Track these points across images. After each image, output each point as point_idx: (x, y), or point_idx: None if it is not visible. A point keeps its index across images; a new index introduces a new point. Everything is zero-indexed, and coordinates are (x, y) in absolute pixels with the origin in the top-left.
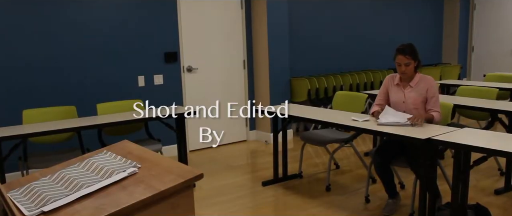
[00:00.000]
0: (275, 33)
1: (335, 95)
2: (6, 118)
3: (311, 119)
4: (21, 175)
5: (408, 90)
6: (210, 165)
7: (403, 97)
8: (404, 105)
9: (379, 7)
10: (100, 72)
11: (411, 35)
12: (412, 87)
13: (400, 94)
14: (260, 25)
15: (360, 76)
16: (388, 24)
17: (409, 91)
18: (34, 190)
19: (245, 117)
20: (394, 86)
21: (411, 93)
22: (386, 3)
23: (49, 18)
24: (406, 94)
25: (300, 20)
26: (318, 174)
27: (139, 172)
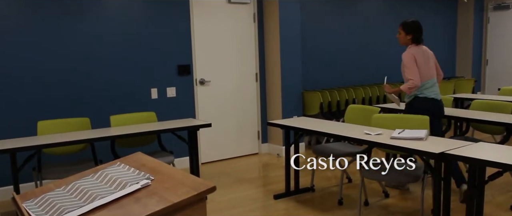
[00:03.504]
0: (288, 46)
1: (348, 108)
2: (21, 129)
3: (323, 133)
4: (35, 186)
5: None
6: (222, 178)
7: None
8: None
9: (392, 20)
10: (114, 85)
11: None
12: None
13: None
14: (272, 38)
15: (372, 90)
16: None
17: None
18: (49, 201)
19: (257, 130)
20: None
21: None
22: (399, 16)
23: (64, 32)
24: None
25: (312, 33)
26: (331, 188)
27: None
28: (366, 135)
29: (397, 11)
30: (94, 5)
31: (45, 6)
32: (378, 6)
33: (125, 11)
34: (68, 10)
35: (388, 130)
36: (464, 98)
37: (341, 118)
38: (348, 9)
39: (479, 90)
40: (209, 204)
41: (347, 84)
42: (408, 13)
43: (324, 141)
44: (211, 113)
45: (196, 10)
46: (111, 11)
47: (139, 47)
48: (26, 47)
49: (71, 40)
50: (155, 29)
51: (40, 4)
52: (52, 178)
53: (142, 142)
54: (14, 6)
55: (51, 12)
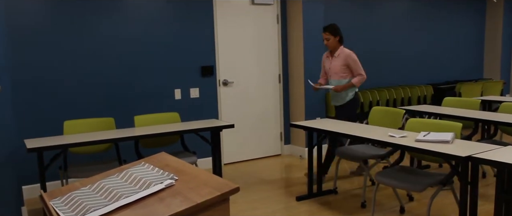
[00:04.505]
0: (311, 47)
1: (372, 110)
2: (48, 128)
3: (346, 134)
4: (61, 184)
5: (333, 59)
6: (244, 179)
7: (330, 64)
8: (330, 70)
9: (418, 21)
10: (138, 85)
11: (451, 50)
12: (335, 57)
13: (328, 63)
14: (296, 39)
15: (397, 92)
16: (427, 38)
17: (334, 60)
18: (75, 199)
19: (280, 131)
20: (326, 58)
21: (334, 61)
22: (425, 18)
23: (89, 34)
24: (332, 62)
25: None
26: (353, 191)
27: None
28: (390, 138)
29: (423, 13)
30: (119, 7)
31: (72, 8)
32: (405, 8)
33: (149, 13)
34: (94, 12)
35: (413, 133)
36: (492, 100)
37: (365, 120)
38: (374, 10)
39: (508, 92)
40: (231, 205)
41: (371, 86)
42: (434, 14)
43: (347, 143)
44: (233, 114)
45: (220, 11)
46: (136, 12)
47: (163, 48)
48: (53, 49)
49: (97, 42)
50: (179, 30)
51: (67, 5)
52: (77, 177)
53: (165, 143)
54: (41, 8)
55: (77, 14)
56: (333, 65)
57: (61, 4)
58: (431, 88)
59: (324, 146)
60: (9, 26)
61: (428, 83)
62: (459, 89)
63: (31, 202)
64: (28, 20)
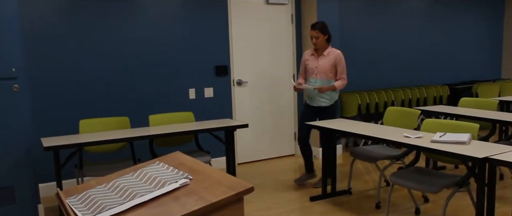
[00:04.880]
0: None
1: (387, 110)
2: (64, 127)
3: (361, 135)
4: (77, 183)
5: (321, 58)
6: (258, 179)
7: (317, 63)
8: (316, 69)
9: (435, 21)
10: (153, 85)
11: (468, 50)
12: (324, 56)
13: (314, 62)
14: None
15: (412, 92)
16: (443, 38)
17: (321, 59)
18: (91, 198)
19: (294, 131)
20: (310, 56)
21: (323, 60)
22: (442, 17)
23: (105, 34)
24: (319, 61)
25: (351, 34)
26: (368, 191)
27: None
28: (406, 138)
29: (440, 12)
30: (134, 8)
31: (88, 9)
32: (421, 7)
33: (164, 13)
34: (110, 13)
35: (429, 134)
36: (510, 101)
37: (380, 120)
38: (389, 9)
39: None
40: (245, 204)
41: (386, 85)
42: (451, 13)
43: (362, 143)
44: (248, 113)
45: (234, 11)
46: (151, 13)
47: (178, 48)
48: (69, 50)
49: (112, 42)
50: (194, 30)
51: (83, 7)
52: (93, 176)
53: (179, 142)
54: (57, 10)
55: (93, 15)
56: (321, 64)
57: (77, 6)
58: (447, 89)
59: (338, 146)
60: (26, 27)
61: (444, 84)
62: (476, 90)
63: (47, 200)
64: (45, 22)
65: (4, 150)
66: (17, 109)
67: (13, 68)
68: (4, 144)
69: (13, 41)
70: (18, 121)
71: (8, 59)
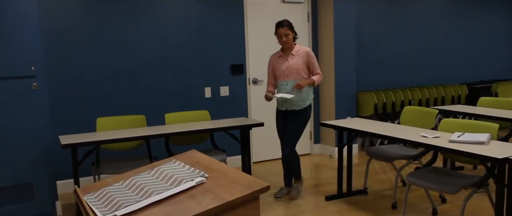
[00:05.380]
0: (342, 46)
1: (404, 110)
2: (82, 125)
3: (378, 134)
4: (94, 180)
5: (291, 58)
6: (274, 177)
7: (287, 64)
8: (287, 70)
9: (453, 20)
10: (169, 83)
11: (486, 49)
12: (294, 55)
13: (284, 63)
14: (326, 38)
15: (430, 91)
16: (462, 37)
17: (292, 59)
18: (108, 195)
19: (309, 131)
20: (278, 59)
21: (293, 59)
22: (460, 16)
23: (122, 33)
24: (290, 61)
25: (368, 33)
26: (384, 191)
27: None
28: (423, 138)
29: (458, 11)
30: (150, 7)
31: (104, 9)
32: (439, 6)
33: (180, 12)
34: (125, 12)
35: (447, 133)
36: None
37: (396, 120)
38: (406, 7)
39: None
40: (260, 203)
41: (403, 84)
42: (469, 12)
43: (378, 143)
44: (263, 112)
45: (250, 9)
46: (167, 11)
47: (194, 46)
48: (86, 49)
49: (129, 41)
50: (210, 29)
51: (99, 7)
52: (109, 173)
53: (195, 140)
54: (74, 10)
55: (109, 14)
56: (293, 63)
57: (94, 6)
58: (465, 88)
59: (354, 145)
60: (45, 27)
61: (462, 83)
62: (496, 89)
63: (65, 197)
64: (63, 21)
65: (23, 147)
66: (36, 107)
67: (32, 66)
68: (23, 142)
69: (33, 40)
70: (36, 119)
71: (27, 58)
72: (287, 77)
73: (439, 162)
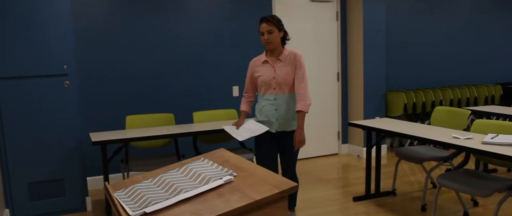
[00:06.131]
0: (371, 45)
1: (434, 110)
2: (111, 123)
3: (407, 135)
4: (123, 177)
5: (278, 64)
6: (301, 177)
7: (273, 72)
8: (274, 81)
9: (486, 16)
10: (197, 82)
11: None
12: (282, 61)
13: (270, 71)
14: (355, 37)
15: (462, 91)
16: (496, 35)
17: (279, 66)
18: (137, 192)
19: (337, 130)
20: (261, 65)
21: (281, 67)
22: (493, 15)
23: (151, 32)
24: (277, 69)
25: (398, 31)
26: (413, 193)
27: (235, 180)
28: (455, 139)
29: (491, 9)
30: (179, 7)
31: (133, 9)
32: (472, 5)
33: (208, 12)
34: (154, 12)
35: (479, 135)
36: None
37: (427, 120)
38: (437, 5)
39: None
40: None
41: (433, 84)
42: (504, 11)
43: (408, 144)
44: None
45: (279, 8)
46: (195, 11)
47: (222, 45)
48: (116, 48)
49: (159, 40)
50: (238, 27)
51: (129, 7)
52: (138, 170)
53: (222, 139)
54: (105, 11)
55: (139, 14)
56: (280, 72)
57: (123, 7)
58: (499, 88)
59: (383, 146)
60: (77, 28)
61: (496, 83)
62: None
63: (94, 193)
64: (94, 20)
65: (56, 143)
66: (68, 104)
67: (65, 65)
68: (55, 138)
69: (65, 40)
70: (68, 116)
71: (60, 57)
72: (274, 90)
73: (471, 164)
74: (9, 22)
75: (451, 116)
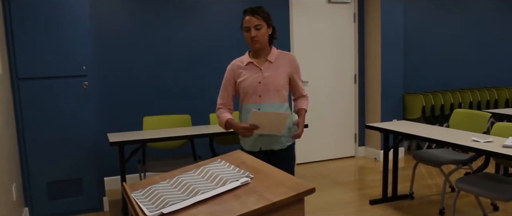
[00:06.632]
0: (389, 46)
1: (453, 113)
2: (129, 123)
3: (425, 138)
4: (139, 178)
5: (266, 66)
6: (317, 180)
7: (260, 76)
8: (261, 86)
9: (506, 17)
10: (214, 84)
11: None
12: (271, 62)
13: (256, 74)
14: (373, 38)
15: (482, 93)
16: None
17: (268, 68)
18: (155, 193)
19: (354, 133)
20: (245, 68)
21: (271, 70)
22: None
23: (169, 34)
24: (264, 71)
25: (416, 32)
26: (431, 196)
27: (251, 182)
28: (474, 142)
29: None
30: (196, 9)
31: (151, 12)
32: (493, 6)
33: (226, 13)
34: (172, 15)
35: (500, 138)
36: None
37: (445, 123)
38: (456, 6)
39: None
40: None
41: (452, 87)
42: None
43: (426, 146)
44: (307, 113)
45: (296, 10)
46: (212, 13)
47: (239, 47)
48: (134, 48)
49: (176, 42)
50: None
51: (147, 10)
52: (154, 171)
53: (238, 140)
54: (123, 14)
55: (156, 17)
56: (269, 75)
57: (141, 9)
58: None
59: (400, 149)
60: (95, 29)
61: None
62: None
63: (111, 193)
64: (112, 22)
65: (74, 143)
66: (86, 105)
67: (84, 66)
68: (74, 138)
69: (84, 42)
70: (87, 117)
71: (79, 58)
72: (260, 97)
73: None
74: (30, 24)
75: (470, 119)
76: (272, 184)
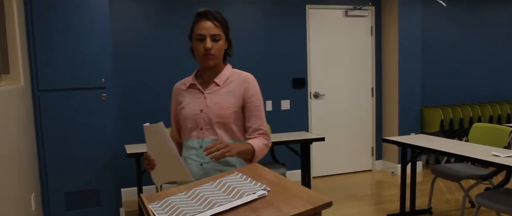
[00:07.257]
0: (407, 59)
1: (473, 127)
2: None
3: (444, 152)
4: (156, 189)
5: (212, 90)
6: (334, 193)
7: (202, 102)
8: (203, 116)
9: None
10: None
11: None
12: (218, 85)
13: (198, 100)
14: (390, 51)
15: (502, 107)
16: None
17: (213, 92)
18: (172, 204)
19: (371, 146)
20: (185, 91)
21: (217, 95)
22: None
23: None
24: (208, 97)
25: (434, 45)
26: (450, 212)
27: (268, 195)
28: (495, 157)
29: None
30: None
31: (168, 21)
32: (509, 16)
33: (243, 26)
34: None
35: None
36: None
37: (464, 137)
38: (475, 19)
39: None
40: None
41: (472, 100)
42: None
43: (444, 161)
44: (324, 127)
45: (313, 23)
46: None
47: (257, 59)
48: (151, 60)
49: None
50: (272, 42)
51: (166, 20)
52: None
53: None
54: (140, 24)
55: (175, 27)
56: (213, 103)
57: (160, 19)
58: None
59: (418, 163)
60: (114, 42)
61: None
62: None
63: (127, 204)
64: (130, 36)
65: (92, 154)
66: (105, 117)
67: (103, 78)
68: (92, 149)
69: (104, 54)
70: (105, 128)
71: (98, 70)
72: (201, 131)
73: None
74: (51, 37)
75: (490, 133)
76: (289, 197)
